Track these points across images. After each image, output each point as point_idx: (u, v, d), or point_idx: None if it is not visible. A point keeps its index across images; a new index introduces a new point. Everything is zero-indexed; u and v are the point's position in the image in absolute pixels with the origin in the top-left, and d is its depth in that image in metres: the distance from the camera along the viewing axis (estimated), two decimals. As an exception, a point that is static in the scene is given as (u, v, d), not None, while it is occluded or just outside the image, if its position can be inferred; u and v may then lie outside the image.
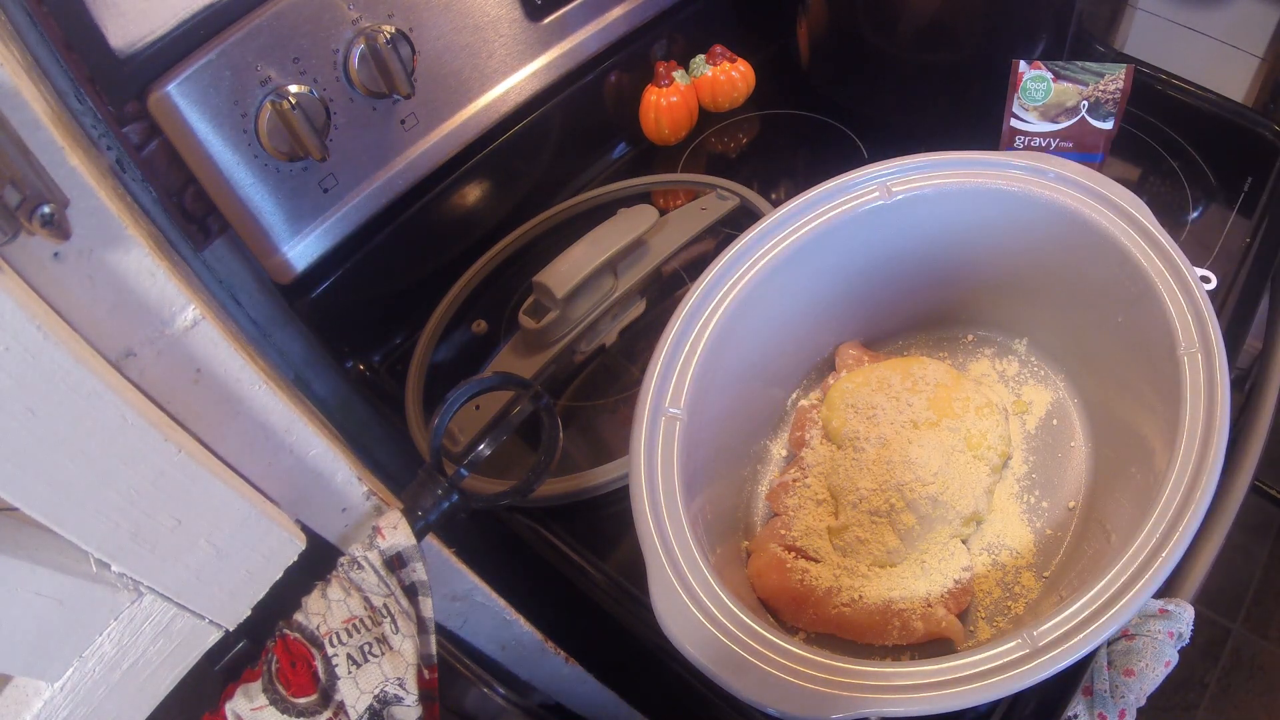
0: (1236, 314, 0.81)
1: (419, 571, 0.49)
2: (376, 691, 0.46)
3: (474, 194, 0.91)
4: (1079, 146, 0.86)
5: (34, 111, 0.31)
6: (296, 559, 0.45)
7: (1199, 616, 0.72)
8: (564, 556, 0.72)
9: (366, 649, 0.46)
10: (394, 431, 0.81)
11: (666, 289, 0.89)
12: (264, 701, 0.45)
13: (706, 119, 1.03)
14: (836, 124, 1.00)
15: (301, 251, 0.77)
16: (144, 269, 0.36)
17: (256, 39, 0.67)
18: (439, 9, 0.77)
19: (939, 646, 0.62)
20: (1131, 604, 0.50)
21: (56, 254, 0.33)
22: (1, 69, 0.31)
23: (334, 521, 0.50)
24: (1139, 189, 0.86)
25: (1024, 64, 0.83)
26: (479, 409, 0.76)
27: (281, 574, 0.45)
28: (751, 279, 0.67)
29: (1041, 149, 0.87)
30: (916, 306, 0.77)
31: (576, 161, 1.00)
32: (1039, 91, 0.84)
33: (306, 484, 0.47)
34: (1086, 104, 0.83)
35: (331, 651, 0.46)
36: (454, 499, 0.53)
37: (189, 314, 0.38)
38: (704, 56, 1.01)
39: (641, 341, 0.85)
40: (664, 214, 0.87)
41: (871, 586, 0.63)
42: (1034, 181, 0.67)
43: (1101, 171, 0.67)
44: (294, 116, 0.69)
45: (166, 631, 0.41)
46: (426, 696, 0.48)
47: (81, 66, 0.60)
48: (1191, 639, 0.69)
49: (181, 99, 0.64)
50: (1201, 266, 0.81)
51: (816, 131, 1.01)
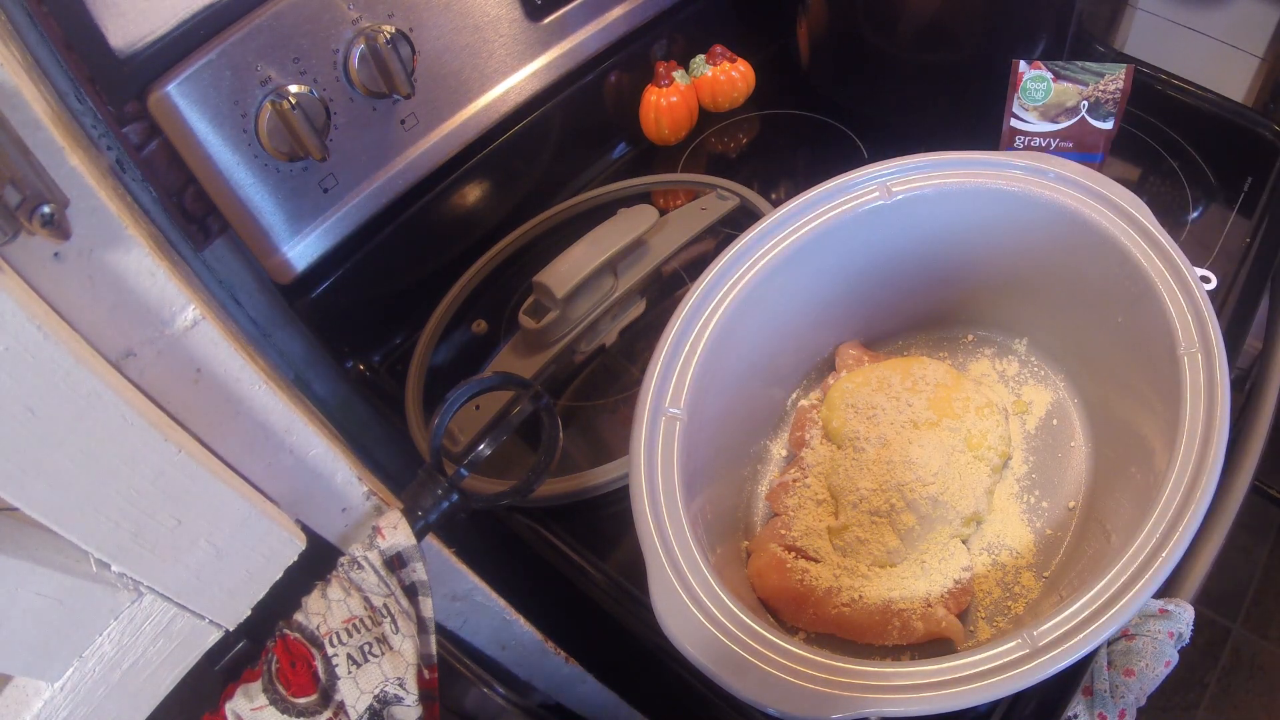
0: (1236, 314, 0.81)
1: (419, 571, 0.49)
2: (376, 691, 0.46)
3: (474, 194, 0.91)
4: (1079, 146, 0.86)
5: (34, 111, 0.31)
6: (296, 559, 0.45)
7: (1199, 616, 0.72)
8: (564, 556, 0.72)
9: (366, 649, 0.46)
10: (394, 431, 0.81)
11: (666, 289, 0.89)
12: (264, 701, 0.45)
13: (706, 119, 1.03)
14: (836, 124, 1.00)
15: (301, 251, 0.77)
16: (144, 269, 0.36)
17: (256, 39, 0.67)
18: (439, 9, 0.77)
19: (939, 646, 0.62)
20: (1131, 604, 0.50)
21: (57, 254, 0.33)
22: (1, 69, 0.31)
23: (334, 521, 0.50)
24: (1139, 189, 0.86)
25: (1024, 64, 0.83)
26: (479, 409, 0.76)
27: (281, 574, 0.45)
28: (751, 279, 0.67)
29: (1041, 149, 0.87)
30: (916, 306, 0.77)
31: (576, 161, 1.00)
32: (1039, 91, 0.84)
33: (306, 484, 0.47)
34: (1086, 104, 0.83)
35: (331, 651, 0.46)
36: (454, 499, 0.53)
37: (189, 314, 0.38)
38: (704, 56, 1.01)
39: (641, 341, 0.85)
40: (664, 214, 0.87)
41: (871, 586, 0.63)
42: (1034, 181, 0.67)
43: (1101, 171, 0.67)
44: (294, 116, 0.69)
45: (166, 631, 0.41)
46: (426, 696, 0.48)
47: (81, 66, 0.60)
48: (1191, 639, 0.69)
49: (181, 99, 0.64)
50: (1201, 266, 0.81)
51: (816, 131, 1.01)
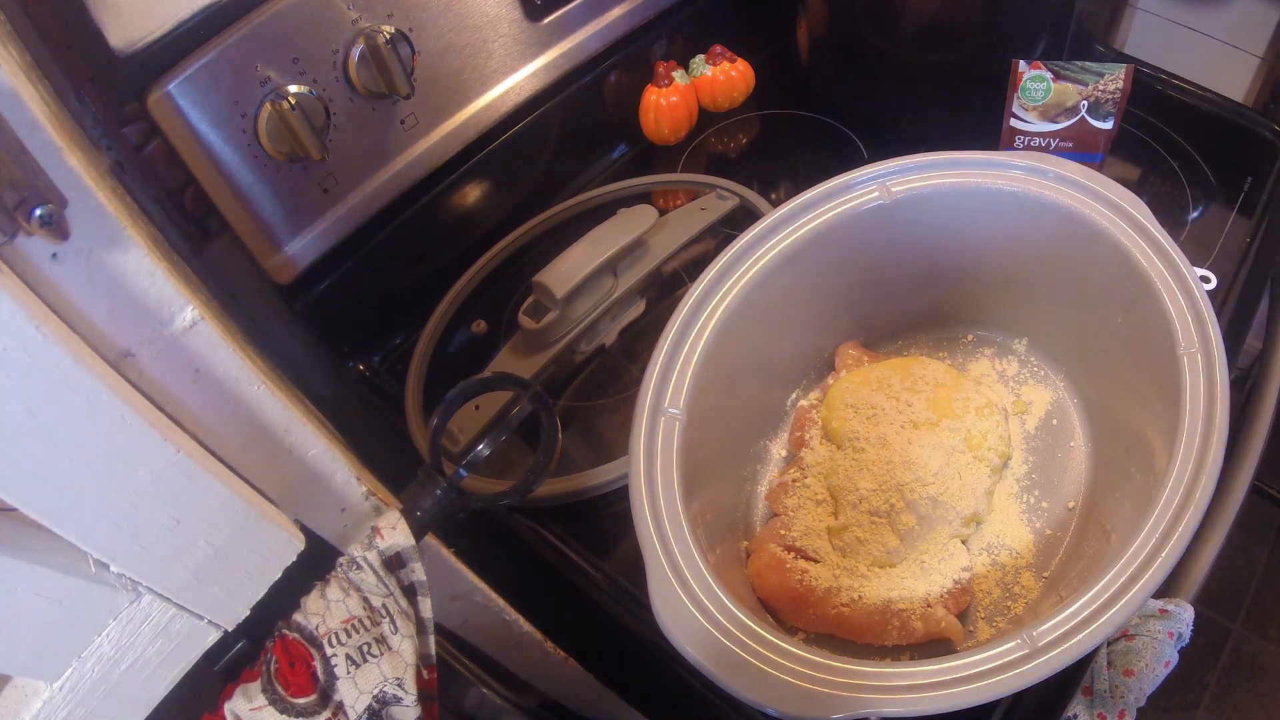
0: (1236, 314, 0.81)
1: (418, 572, 0.49)
2: (375, 692, 0.46)
3: (474, 194, 0.91)
4: (1079, 146, 0.86)
5: (32, 112, 0.31)
6: (295, 559, 0.45)
7: (1199, 616, 0.72)
8: (563, 556, 0.72)
9: (365, 649, 0.46)
10: (394, 431, 0.81)
11: (666, 289, 0.89)
12: (263, 702, 0.45)
13: (706, 119, 1.03)
14: (836, 124, 1.00)
15: (301, 251, 0.77)
16: (143, 269, 0.36)
17: (256, 39, 0.67)
18: (439, 9, 0.77)
19: (939, 646, 0.62)
20: (1131, 604, 0.50)
21: (55, 254, 0.33)
22: (1, 69, 0.31)
23: (333, 521, 0.50)
24: (1139, 189, 0.86)
25: (1024, 64, 0.83)
26: (479, 409, 0.76)
27: (280, 574, 0.45)
28: (751, 279, 0.67)
29: (1041, 149, 0.87)
30: (916, 306, 0.77)
31: (576, 161, 1.00)
32: (1039, 91, 0.84)
33: (306, 484, 0.47)
34: (1086, 104, 0.83)
35: (330, 652, 0.46)
36: (453, 499, 0.53)
37: (188, 314, 0.38)
38: (704, 56, 1.01)
39: (641, 341, 0.85)
40: (664, 214, 0.87)
41: (871, 587, 0.63)
42: (1034, 181, 0.67)
43: (1101, 171, 0.66)
44: (294, 116, 0.69)
45: (165, 632, 0.41)
46: (425, 697, 0.48)
47: (81, 66, 0.60)
48: (1191, 639, 0.69)
49: (181, 99, 0.64)
50: (1201, 266, 0.81)
51: (816, 131, 1.01)
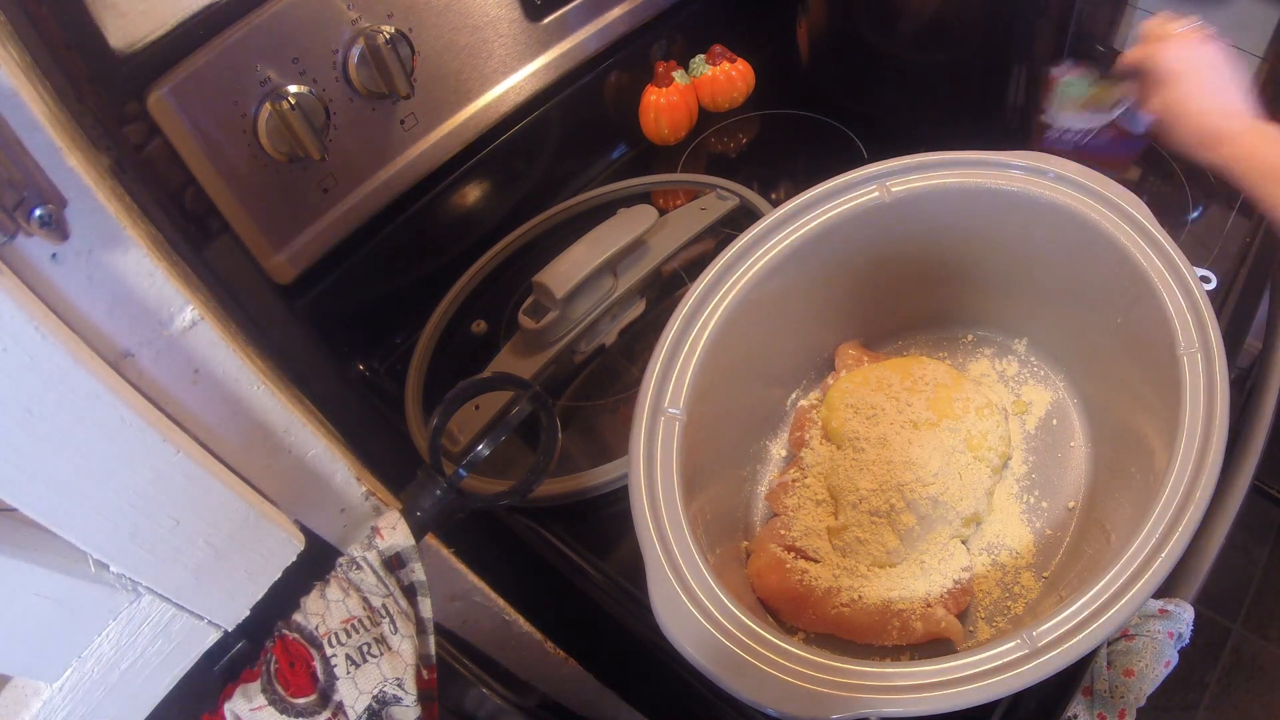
0: (1236, 314, 0.81)
1: (418, 572, 0.49)
2: (375, 692, 0.46)
3: (474, 194, 0.91)
4: (1109, 152, 0.85)
5: (32, 112, 0.31)
6: (295, 559, 0.45)
7: (1199, 616, 0.72)
8: (564, 556, 0.72)
9: (365, 649, 0.46)
10: (394, 431, 0.81)
11: (666, 289, 0.89)
12: (263, 702, 0.45)
13: (706, 119, 1.03)
14: (836, 124, 1.00)
15: (301, 251, 0.77)
16: (142, 270, 0.36)
17: (256, 39, 0.67)
18: (439, 9, 0.77)
19: (939, 646, 0.62)
20: (1131, 604, 0.50)
21: (55, 255, 0.33)
22: (0, 69, 0.31)
23: (333, 522, 0.50)
24: (1139, 189, 0.86)
25: (1063, 66, 0.82)
26: (479, 409, 0.76)
27: (280, 574, 0.45)
28: (751, 279, 0.67)
29: (1073, 149, 0.86)
30: (916, 306, 0.77)
31: (576, 161, 1.00)
32: (1075, 90, 0.83)
33: (305, 484, 0.47)
34: (1121, 106, 0.82)
35: (330, 652, 0.46)
36: (453, 499, 0.53)
37: (187, 314, 0.38)
38: (704, 56, 1.01)
39: (641, 341, 0.85)
40: (664, 214, 0.87)
41: (871, 587, 0.63)
42: (1034, 181, 0.67)
43: (1101, 172, 0.66)
44: (293, 117, 0.69)
45: (165, 632, 0.41)
46: (425, 697, 0.48)
47: (81, 66, 0.60)
48: (1191, 639, 0.69)
49: (181, 99, 0.64)
50: (1201, 266, 0.81)
51: (816, 131, 1.01)
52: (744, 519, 0.70)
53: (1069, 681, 0.65)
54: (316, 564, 0.47)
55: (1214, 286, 0.79)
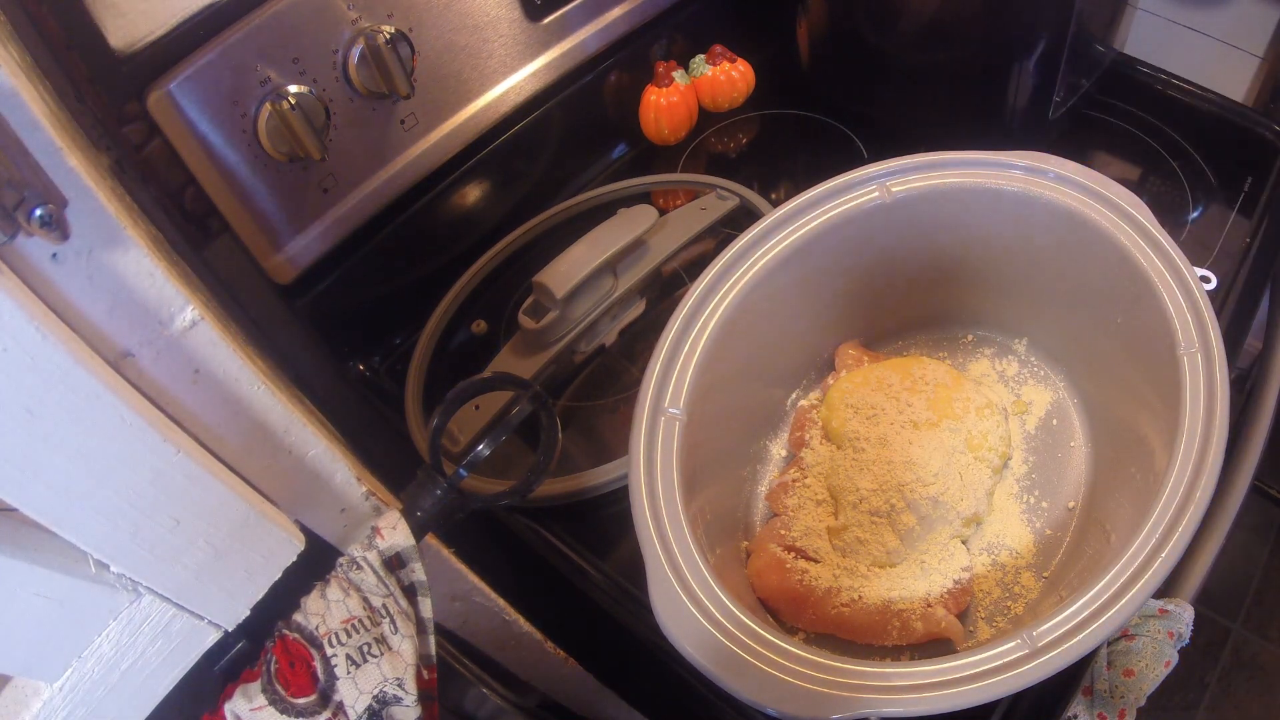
0: (1236, 314, 0.81)
1: (418, 572, 0.49)
2: (375, 692, 0.46)
3: (474, 194, 0.91)
4: None
5: (32, 112, 0.31)
6: (295, 559, 0.45)
7: (1199, 616, 0.72)
8: (563, 556, 0.72)
9: (365, 649, 0.46)
10: (394, 431, 0.81)
11: (666, 289, 0.89)
12: (263, 702, 0.45)
13: (706, 119, 1.03)
14: (836, 124, 1.00)
15: (301, 251, 0.77)
16: (143, 269, 0.36)
17: (256, 39, 0.67)
18: (439, 9, 0.77)
19: (939, 647, 0.62)
20: (1131, 604, 0.50)
21: (55, 255, 0.33)
22: (0, 69, 0.31)
23: (333, 522, 0.50)
24: (1139, 189, 0.86)
25: None
26: (479, 409, 0.76)
27: (280, 574, 0.45)
28: (751, 279, 0.67)
29: None
30: (916, 306, 0.77)
31: (576, 161, 1.00)
32: None
33: (305, 484, 0.47)
34: None
35: (330, 652, 0.46)
36: (453, 499, 0.53)
37: (188, 314, 0.38)
38: (704, 56, 1.01)
39: (641, 341, 0.85)
40: (664, 214, 0.87)
41: (871, 587, 0.63)
42: (1034, 181, 0.67)
43: (1101, 171, 0.67)
44: (293, 116, 0.69)
45: (165, 632, 0.41)
46: (425, 697, 0.48)
47: (81, 66, 0.60)
48: (1191, 639, 0.69)
49: (181, 99, 0.64)
50: (1201, 266, 0.81)
51: (816, 131, 1.01)
52: (744, 519, 0.70)
53: (1069, 681, 0.65)
54: (316, 564, 0.47)
55: (1214, 286, 0.79)
